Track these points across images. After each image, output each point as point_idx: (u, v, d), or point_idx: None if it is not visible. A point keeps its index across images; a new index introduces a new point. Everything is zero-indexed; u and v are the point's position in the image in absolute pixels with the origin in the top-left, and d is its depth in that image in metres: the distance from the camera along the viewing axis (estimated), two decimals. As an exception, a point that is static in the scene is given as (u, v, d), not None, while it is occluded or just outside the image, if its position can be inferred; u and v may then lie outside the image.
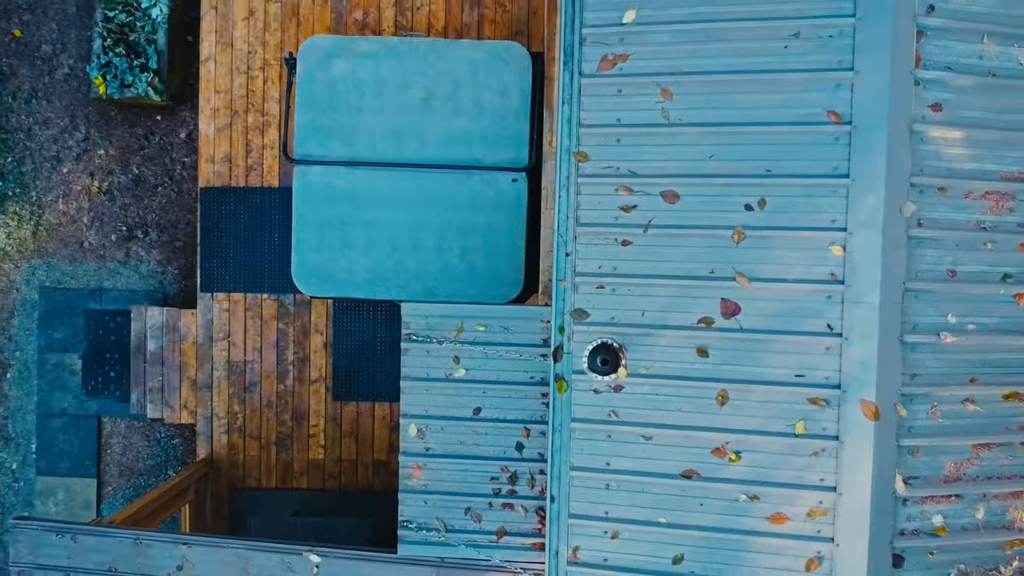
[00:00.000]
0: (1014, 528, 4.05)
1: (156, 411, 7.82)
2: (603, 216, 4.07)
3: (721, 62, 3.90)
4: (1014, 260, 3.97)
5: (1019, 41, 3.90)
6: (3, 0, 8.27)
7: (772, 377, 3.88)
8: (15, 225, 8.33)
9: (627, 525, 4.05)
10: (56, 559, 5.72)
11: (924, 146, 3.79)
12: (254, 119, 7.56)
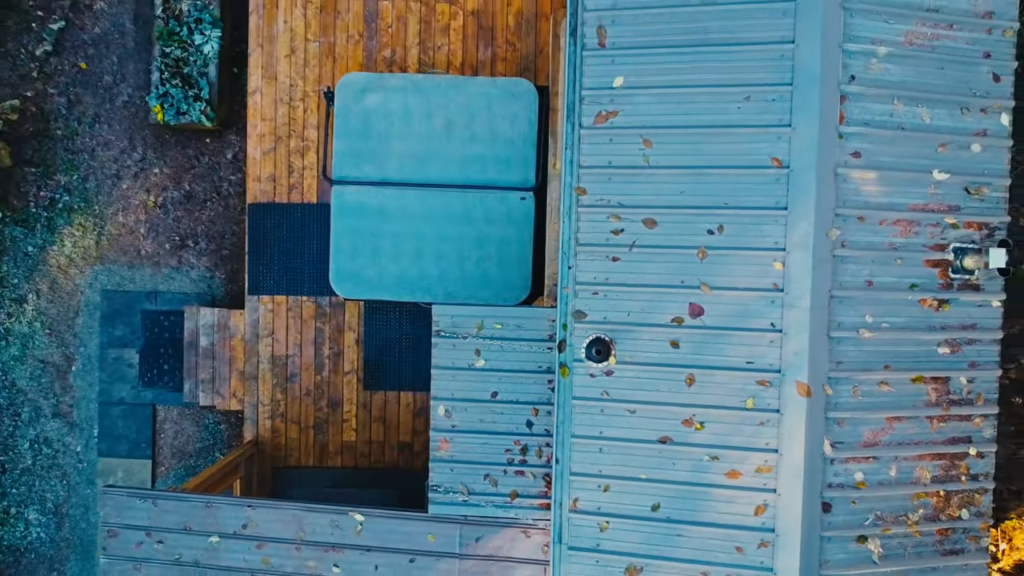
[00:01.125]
0: (919, 483, 5.18)
1: (208, 399, 8.96)
2: (597, 238, 5.19)
3: (690, 118, 5.02)
4: (919, 273, 5.10)
5: (922, 102, 5.02)
6: (71, 36, 9.39)
7: (728, 364, 5.00)
8: (80, 235, 9.45)
9: (616, 480, 5.18)
10: (139, 520, 6.85)
11: (846, 185, 4.92)
12: (295, 144, 8.68)
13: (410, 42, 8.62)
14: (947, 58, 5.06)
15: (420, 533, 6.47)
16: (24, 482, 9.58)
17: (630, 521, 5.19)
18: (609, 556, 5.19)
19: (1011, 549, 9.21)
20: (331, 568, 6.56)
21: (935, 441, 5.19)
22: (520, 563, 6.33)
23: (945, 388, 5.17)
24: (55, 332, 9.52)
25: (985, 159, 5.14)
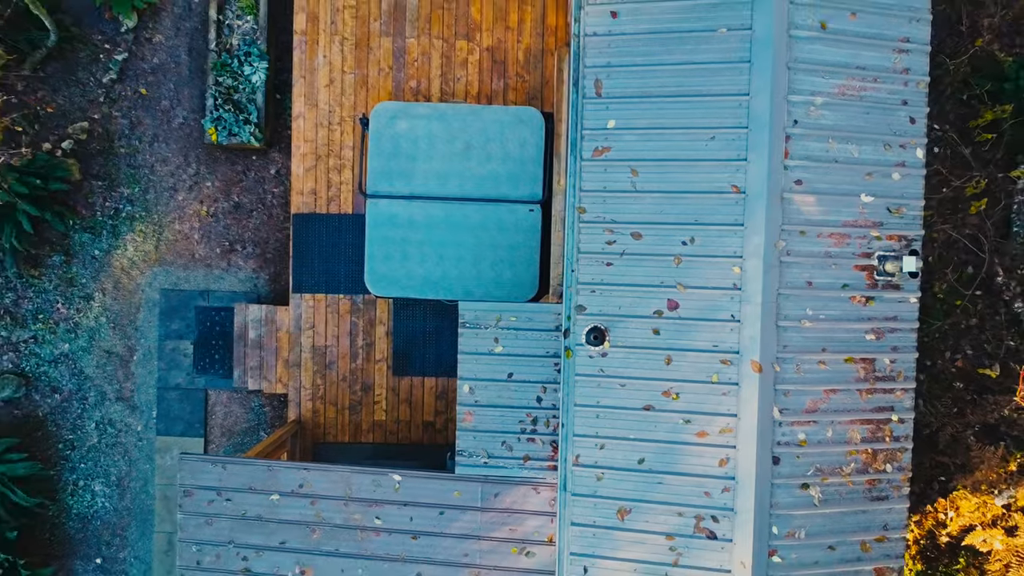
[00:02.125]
0: (852, 443, 6.54)
1: (256, 384, 10.31)
2: (595, 247, 6.55)
3: (668, 153, 6.38)
4: (850, 276, 6.46)
5: (852, 140, 6.38)
6: (133, 66, 10.74)
7: (698, 347, 6.36)
8: (141, 240, 10.80)
9: (609, 440, 6.54)
10: (211, 482, 8.19)
11: (790, 206, 6.28)
12: (333, 162, 10.04)
13: (433, 74, 9.98)
14: (872, 105, 6.42)
15: (448, 490, 7.83)
16: (91, 458, 10.93)
17: (620, 472, 6.55)
18: (604, 500, 6.56)
19: (958, 516, 10.59)
20: (373, 520, 7.92)
21: (864, 409, 6.55)
22: (531, 515, 7.69)
23: (872, 367, 6.53)
24: (118, 326, 10.87)
25: (903, 185, 6.50)
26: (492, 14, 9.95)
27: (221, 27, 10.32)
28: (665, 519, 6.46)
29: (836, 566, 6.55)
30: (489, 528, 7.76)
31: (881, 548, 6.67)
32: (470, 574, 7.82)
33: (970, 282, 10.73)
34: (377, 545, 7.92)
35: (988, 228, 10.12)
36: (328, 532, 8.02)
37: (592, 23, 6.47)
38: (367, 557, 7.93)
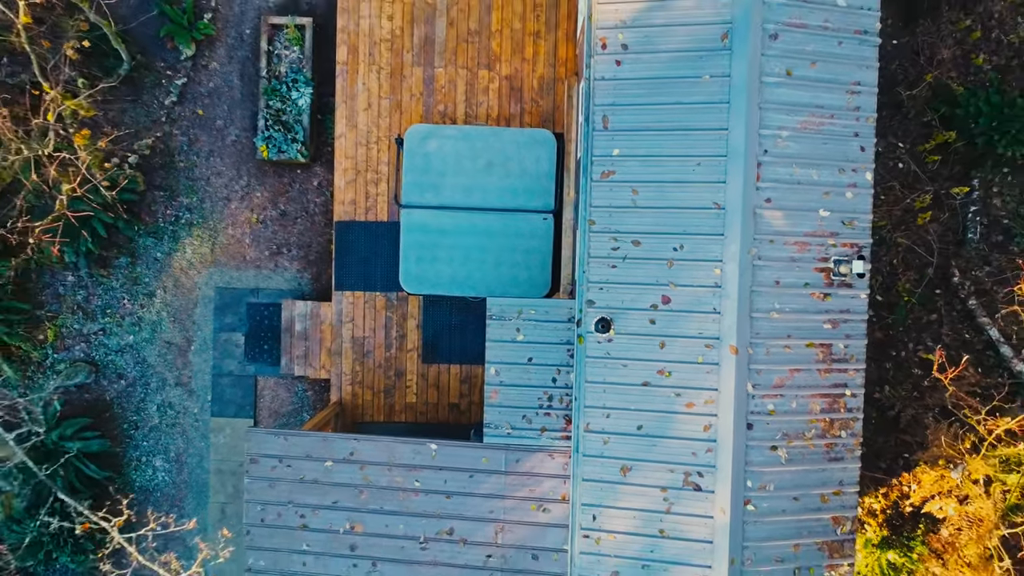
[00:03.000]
0: (812, 413, 8.01)
1: (301, 370, 11.79)
2: (602, 253, 8.03)
3: (663, 176, 7.86)
4: (811, 276, 7.94)
5: (812, 166, 7.86)
6: (191, 90, 12.20)
7: (686, 334, 7.84)
8: (198, 244, 12.26)
9: (614, 410, 8.02)
10: (273, 450, 9.65)
11: (761, 220, 7.76)
12: (371, 176, 11.51)
13: (459, 99, 11.46)
14: (829, 137, 7.90)
15: (476, 457, 9.30)
16: (152, 437, 12.40)
17: (623, 436, 8.03)
18: (609, 460, 8.04)
19: (919, 488, 12.07)
20: (413, 482, 9.40)
21: (822, 385, 8.03)
22: (548, 477, 9.17)
23: (829, 351, 8.02)
24: (177, 320, 12.34)
25: (855, 202, 7.99)
26: (510, 47, 11.43)
27: (271, 57, 11.80)
28: (659, 475, 7.94)
29: (800, 514, 8.03)
30: (511, 489, 9.25)
31: (837, 500, 8.16)
32: (495, 528, 9.30)
33: (930, 282, 12.23)
34: (416, 504, 9.40)
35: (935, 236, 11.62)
36: (374, 493, 9.49)
37: (600, 70, 7.96)
38: (408, 514, 9.41)
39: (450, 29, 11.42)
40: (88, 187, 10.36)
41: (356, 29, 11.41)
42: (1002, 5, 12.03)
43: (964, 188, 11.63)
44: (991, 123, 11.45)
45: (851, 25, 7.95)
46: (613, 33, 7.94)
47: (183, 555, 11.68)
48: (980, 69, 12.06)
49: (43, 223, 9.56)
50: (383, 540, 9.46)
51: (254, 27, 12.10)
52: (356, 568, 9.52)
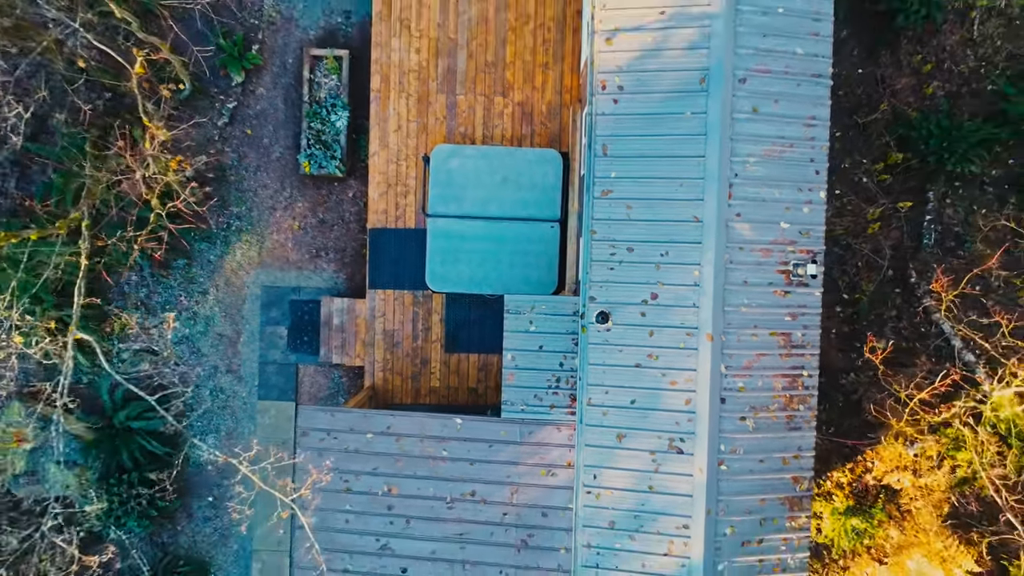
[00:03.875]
0: (775, 390, 9.76)
1: (339, 359, 13.53)
2: (602, 257, 9.78)
3: (652, 194, 9.61)
4: (774, 277, 9.69)
5: (775, 186, 9.61)
6: (241, 112, 13.95)
7: (671, 324, 9.60)
8: (247, 247, 14.00)
9: (611, 387, 9.77)
10: (321, 424, 11.38)
11: (733, 231, 9.51)
12: (400, 189, 13.26)
13: (477, 122, 13.21)
14: (789, 162, 9.65)
15: (496, 430, 11.04)
16: (206, 418, 14.14)
17: (619, 409, 9.78)
18: (607, 428, 9.79)
19: (881, 462, 13.82)
20: (441, 452, 11.14)
21: (783, 367, 9.77)
22: (555, 447, 10.90)
23: (789, 339, 9.77)
24: (228, 315, 14.09)
25: (810, 216, 9.74)
26: (522, 77, 13.18)
27: (312, 84, 13.55)
28: (649, 441, 9.69)
29: (765, 474, 9.78)
30: (525, 457, 10.99)
31: (797, 463, 9.91)
32: (511, 490, 11.05)
33: (890, 282, 13.98)
34: (444, 470, 11.15)
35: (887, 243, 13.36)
36: (408, 461, 11.23)
37: (600, 107, 9.72)
38: (436, 478, 11.15)
39: (470, 61, 13.17)
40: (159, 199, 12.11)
41: (388, 61, 13.16)
42: (953, 40, 13.78)
43: (908, 203, 13.38)
44: (941, 144, 13.20)
45: (808, 70, 9.70)
46: (611, 77, 9.69)
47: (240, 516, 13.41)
48: (934, 95, 13.81)
49: (144, 233, 11.30)
50: (416, 501, 11.20)
51: (296, 57, 13.86)
52: (392, 524, 11.27)
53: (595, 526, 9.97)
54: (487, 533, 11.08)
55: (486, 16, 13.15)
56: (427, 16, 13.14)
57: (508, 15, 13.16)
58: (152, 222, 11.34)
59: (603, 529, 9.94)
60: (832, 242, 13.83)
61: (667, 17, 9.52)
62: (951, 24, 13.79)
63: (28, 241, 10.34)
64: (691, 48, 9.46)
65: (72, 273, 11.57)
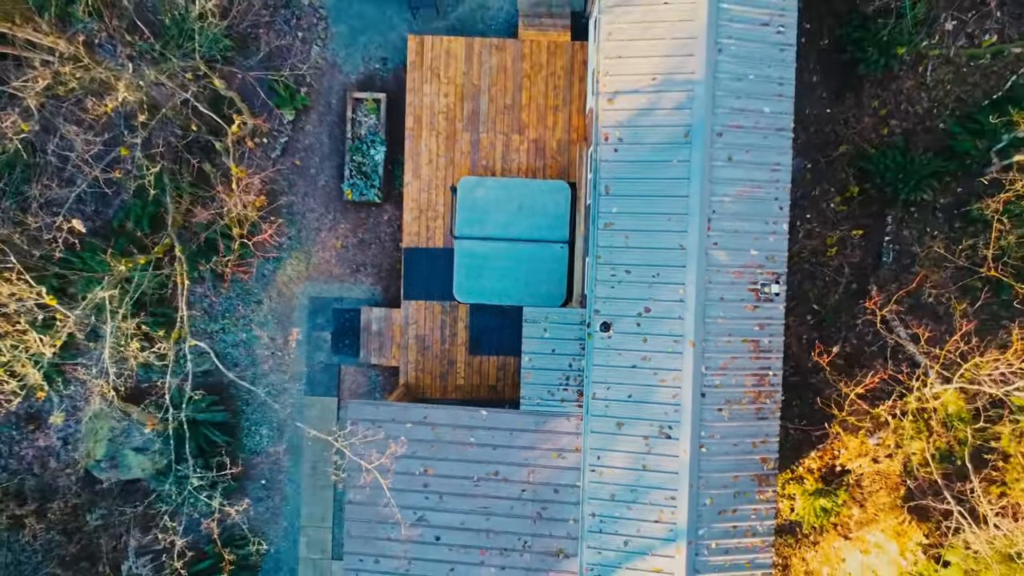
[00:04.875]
0: (747, 386, 12.02)
1: (376, 360, 15.79)
2: (604, 278, 12.04)
3: (646, 226, 11.86)
4: (745, 294, 11.95)
5: (745, 219, 11.86)
6: (291, 146, 16.20)
7: (661, 332, 11.86)
8: (296, 264, 16.25)
9: (612, 384, 12.03)
10: (367, 415, 13.63)
11: (711, 257, 11.77)
12: (431, 214, 15.51)
13: (497, 157, 15.48)
14: (758, 200, 11.90)
15: (515, 420, 13.28)
16: (260, 411, 16.40)
17: (618, 402, 12.04)
18: (609, 418, 12.05)
19: (846, 451, 16.07)
20: (469, 438, 13.38)
21: (753, 368, 12.03)
22: (565, 434, 13.14)
23: (757, 345, 12.02)
24: (280, 321, 16.34)
25: (775, 244, 11.99)
26: (536, 117, 15.44)
27: (353, 122, 15.81)
28: (643, 428, 11.95)
29: (738, 455, 12.02)
30: (539, 442, 13.23)
31: (764, 446, 12.16)
32: (528, 470, 13.28)
33: (854, 295, 16.23)
34: (471, 453, 13.38)
35: (846, 262, 15.61)
36: (441, 446, 13.47)
37: (603, 154, 11.98)
38: (465, 460, 13.39)
39: (491, 104, 15.43)
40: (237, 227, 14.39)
41: (420, 103, 15.42)
42: (909, 84, 16.04)
43: (860, 231, 15.65)
44: (897, 175, 15.47)
45: (773, 124, 11.96)
46: (612, 130, 11.96)
47: (287, 499, 15.67)
48: (891, 133, 16.07)
49: (232, 257, 13.56)
50: (447, 479, 13.45)
51: (340, 99, 16.11)
52: (427, 500, 13.52)
53: (599, 499, 12.23)
54: (508, 507, 13.33)
55: (504, 65, 15.41)
56: (454, 65, 15.41)
57: (524, 64, 15.42)
58: (236, 249, 13.57)
59: (605, 501, 12.19)
60: (803, 260, 16.11)
61: (658, 83, 11.78)
62: (907, 71, 16.05)
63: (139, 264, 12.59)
64: (677, 108, 11.72)
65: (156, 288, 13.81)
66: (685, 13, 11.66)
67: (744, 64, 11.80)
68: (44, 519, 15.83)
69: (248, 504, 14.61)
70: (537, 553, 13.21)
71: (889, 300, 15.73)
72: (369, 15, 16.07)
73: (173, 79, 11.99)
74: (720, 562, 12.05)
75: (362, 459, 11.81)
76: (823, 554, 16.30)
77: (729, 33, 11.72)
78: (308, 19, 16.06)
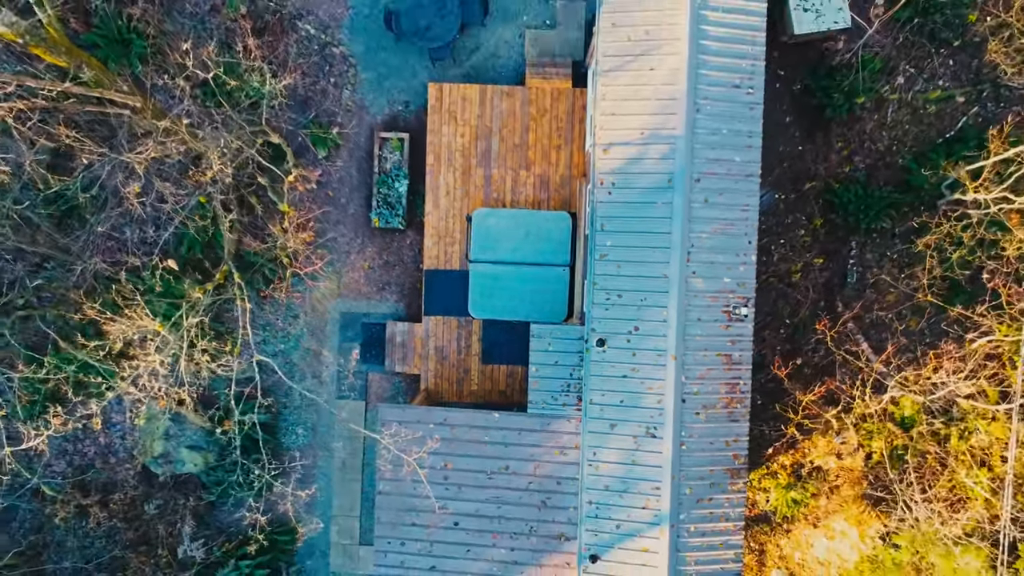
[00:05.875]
0: (720, 393, 14.25)
1: (400, 368, 18.03)
2: (600, 301, 14.28)
3: (635, 257, 14.12)
4: (719, 316, 14.18)
5: (720, 253, 14.10)
6: (325, 178, 18.42)
7: (647, 348, 14.09)
8: (329, 282, 18.49)
9: (606, 391, 14.27)
10: (396, 417, 15.87)
11: (690, 284, 14.01)
12: (448, 240, 17.75)
13: (507, 190, 17.72)
14: (730, 236, 14.13)
15: (524, 421, 15.50)
16: (296, 413, 18.65)
17: (611, 406, 14.27)
18: (604, 420, 14.28)
19: (814, 449, 18.31)
20: (484, 437, 15.61)
21: (726, 378, 14.26)
22: (566, 434, 15.36)
23: (730, 358, 14.25)
24: (314, 334, 18.59)
25: (744, 273, 14.22)
26: (541, 155, 17.68)
27: (380, 158, 18.05)
28: (632, 428, 14.18)
29: (713, 452, 14.25)
30: (544, 441, 15.46)
31: (736, 444, 14.39)
32: (534, 465, 15.51)
33: (823, 309, 18.45)
34: (485, 450, 15.61)
35: (811, 286, 17.86)
36: (459, 443, 15.69)
37: (599, 196, 14.21)
38: (480, 456, 15.62)
39: (501, 143, 17.67)
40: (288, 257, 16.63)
41: (439, 142, 17.66)
42: (871, 125, 18.26)
43: (820, 259, 17.89)
44: (859, 207, 17.70)
45: (743, 171, 14.19)
46: (608, 176, 14.20)
47: (319, 491, 17.93)
48: (855, 168, 18.30)
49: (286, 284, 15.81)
50: (464, 472, 15.68)
51: (368, 137, 18.36)
52: (447, 490, 15.76)
53: (595, 489, 14.46)
54: (516, 497, 15.56)
55: (513, 109, 17.65)
56: (469, 109, 17.65)
57: (530, 108, 17.65)
58: (287, 278, 15.84)
59: (600, 491, 14.42)
60: (778, 280, 18.35)
61: (646, 136, 14.02)
62: (869, 113, 18.27)
63: (209, 291, 14.85)
64: (662, 158, 13.96)
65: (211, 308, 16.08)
66: (668, 78, 13.89)
67: (718, 120, 14.03)
68: (107, 508, 18.09)
69: (315, 489, 16.93)
70: (542, 536, 15.45)
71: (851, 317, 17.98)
72: (393, 63, 18.30)
73: (241, 137, 14.24)
74: (698, 543, 14.28)
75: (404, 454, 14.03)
76: (794, 540, 18.53)
77: (706, 95, 13.95)
78: (339, 67, 18.30)
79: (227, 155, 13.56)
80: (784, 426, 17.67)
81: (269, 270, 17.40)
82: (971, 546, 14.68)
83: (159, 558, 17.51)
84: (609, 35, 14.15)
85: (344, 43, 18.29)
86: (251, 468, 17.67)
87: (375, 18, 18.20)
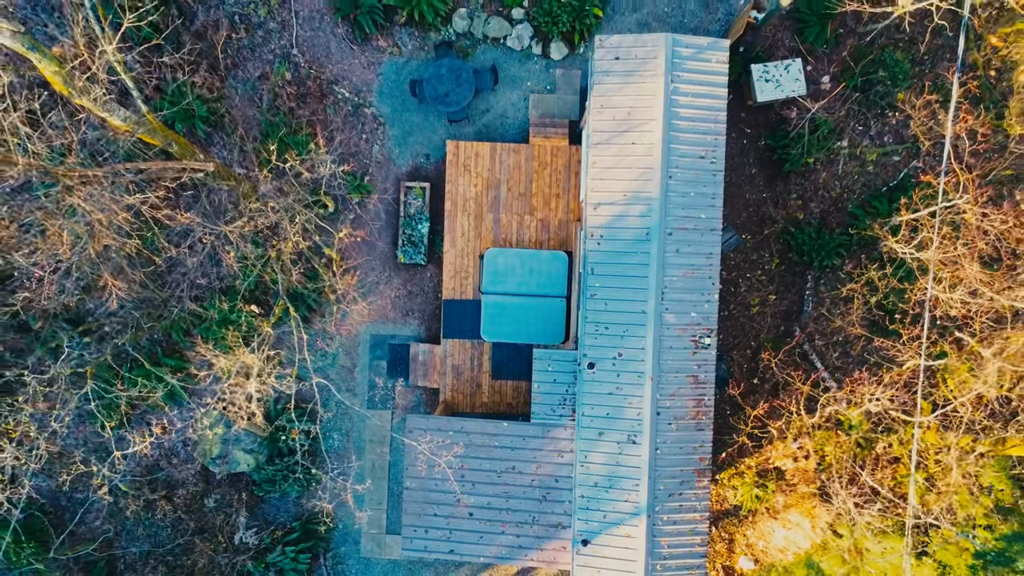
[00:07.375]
0: (689, 407, 17.58)
1: (422, 383, 21.36)
2: (590, 332, 17.60)
3: (619, 295, 17.46)
4: (687, 345, 17.51)
5: (689, 292, 17.45)
6: (357, 220, 21.74)
7: (629, 370, 17.40)
8: (360, 309, 21.81)
9: (596, 405, 17.60)
10: (421, 425, 19.19)
11: (664, 318, 17.34)
12: (464, 274, 21.06)
13: (513, 232, 21.04)
14: (697, 278, 17.45)
15: (528, 429, 18.81)
16: (332, 421, 21.98)
17: (600, 418, 17.59)
18: (594, 428, 17.60)
19: (776, 452, 21.65)
20: (494, 443, 18.95)
21: (693, 394, 17.58)
22: (563, 440, 18.66)
23: (696, 379, 17.57)
24: (347, 353, 21.91)
25: (709, 309, 17.54)
26: (542, 202, 21.00)
27: (404, 203, 21.38)
28: (616, 435, 17.49)
29: (683, 455, 17.58)
30: (545, 445, 18.77)
31: (701, 449, 17.71)
32: (535, 466, 18.82)
33: (784, 335, 21.75)
34: (495, 453, 18.92)
35: (769, 315, 21.20)
36: (473, 448, 19.00)
37: (590, 246, 17.53)
38: (491, 459, 18.93)
39: (508, 192, 20.99)
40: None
41: (456, 191, 20.98)
42: (824, 175, 21.58)
43: (774, 295, 21.24)
44: (812, 247, 21.02)
45: (707, 226, 17.51)
46: (597, 229, 17.52)
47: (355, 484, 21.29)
48: (811, 214, 21.62)
49: (335, 317, 19.13)
50: (478, 472, 18.99)
51: (394, 185, 21.69)
52: (464, 486, 19.08)
53: (586, 485, 17.78)
54: (521, 492, 18.88)
55: (519, 163, 20.97)
56: (482, 163, 20.97)
57: (533, 163, 20.98)
58: (335, 313, 19.18)
59: (591, 487, 17.75)
60: (744, 309, 21.66)
61: (628, 198, 17.35)
62: (823, 166, 21.59)
63: (272, 323, 18.17)
64: (641, 216, 17.29)
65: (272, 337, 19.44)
66: (647, 151, 17.23)
67: (687, 185, 17.36)
68: (171, 502, 21.43)
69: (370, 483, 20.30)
70: (542, 525, 18.79)
71: (795, 344, 21.31)
72: (416, 122, 21.64)
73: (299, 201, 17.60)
74: (671, 530, 17.61)
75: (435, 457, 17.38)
76: (758, 531, 21.86)
77: (677, 164, 17.29)
78: (370, 124, 21.63)
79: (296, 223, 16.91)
80: (736, 435, 21.01)
81: (313, 300, 20.71)
82: (891, 535, 17.99)
83: (218, 543, 20.83)
84: (598, 115, 17.48)
85: (374, 105, 21.62)
86: (310, 468, 21.00)
87: (401, 84, 21.54)
